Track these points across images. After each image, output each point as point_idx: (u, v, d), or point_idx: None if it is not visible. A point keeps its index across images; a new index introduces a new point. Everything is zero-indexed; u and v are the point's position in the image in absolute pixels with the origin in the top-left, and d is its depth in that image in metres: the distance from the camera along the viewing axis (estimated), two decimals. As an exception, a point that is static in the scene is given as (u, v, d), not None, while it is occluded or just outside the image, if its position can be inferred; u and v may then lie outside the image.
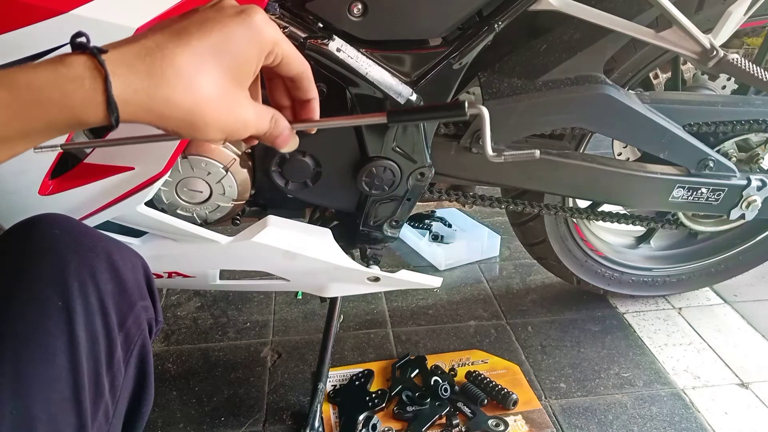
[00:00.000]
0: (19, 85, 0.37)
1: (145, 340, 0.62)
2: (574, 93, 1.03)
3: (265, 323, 1.42)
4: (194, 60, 0.41)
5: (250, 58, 0.43)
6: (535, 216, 1.28)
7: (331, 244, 1.02)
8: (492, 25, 0.92)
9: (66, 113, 0.38)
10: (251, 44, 0.43)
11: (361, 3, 0.87)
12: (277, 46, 0.45)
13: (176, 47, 0.40)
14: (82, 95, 0.37)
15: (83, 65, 0.38)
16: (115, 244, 0.60)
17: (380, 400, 1.14)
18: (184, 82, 0.40)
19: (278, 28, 0.46)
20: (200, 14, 0.43)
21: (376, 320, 1.43)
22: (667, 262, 1.47)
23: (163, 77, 0.39)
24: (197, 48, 0.41)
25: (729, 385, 1.24)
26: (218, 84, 0.42)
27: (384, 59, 0.92)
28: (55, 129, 0.39)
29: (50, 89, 0.37)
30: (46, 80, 0.37)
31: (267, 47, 0.44)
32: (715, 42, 0.96)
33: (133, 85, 0.39)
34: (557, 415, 1.16)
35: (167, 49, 0.40)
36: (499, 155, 0.52)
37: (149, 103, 0.39)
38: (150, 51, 0.40)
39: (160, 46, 0.40)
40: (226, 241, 0.96)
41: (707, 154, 1.14)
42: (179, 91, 0.40)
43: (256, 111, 0.46)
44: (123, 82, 0.38)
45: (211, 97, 0.41)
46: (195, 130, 0.42)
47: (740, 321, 1.44)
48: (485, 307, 1.48)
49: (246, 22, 0.43)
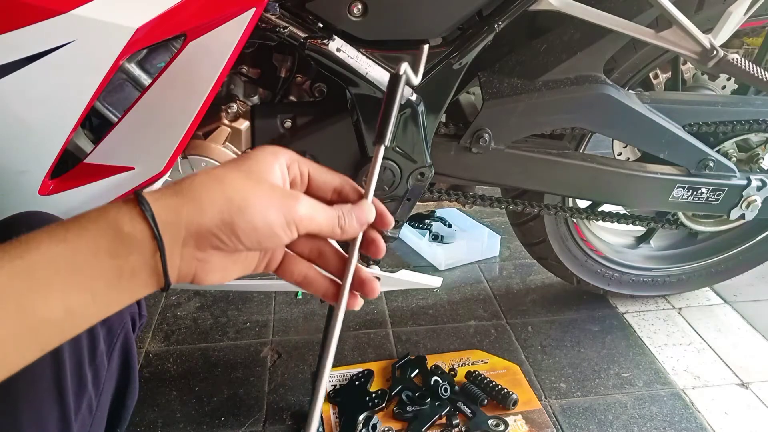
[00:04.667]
0: (68, 219, 0.39)
1: (128, 333, 0.63)
2: (574, 93, 1.03)
3: (265, 323, 1.42)
4: (216, 169, 0.42)
5: (269, 161, 0.44)
6: (535, 216, 1.28)
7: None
8: (492, 25, 0.92)
9: (107, 229, 0.38)
10: (265, 153, 0.44)
11: (361, 3, 0.87)
12: (297, 160, 0.46)
13: (199, 173, 0.42)
14: (117, 208, 0.39)
15: (122, 200, 0.40)
16: None
17: (380, 400, 1.14)
18: (211, 179, 0.41)
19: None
20: None
21: (376, 320, 1.43)
22: (667, 262, 1.47)
23: (187, 185, 0.41)
24: (215, 166, 0.43)
25: (729, 385, 1.24)
26: (247, 175, 0.42)
27: (384, 59, 0.92)
28: (97, 249, 0.38)
29: (92, 214, 0.39)
30: (91, 211, 0.39)
31: (282, 157, 0.45)
32: (715, 42, 0.96)
33: (163, 201, 0.40)
34: (557, 415, 1.16)
35: (191, 176, 0.42)
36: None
37: (183, 209, 0.40)
38: (178, 182, 0.42)
39: (187, 178, 0.42)
40: (226, 241, 0.96)
41: (707, 154, 1.14)
42: (209, 185, 0.41)
43: (309, 199, 0.44)
44: (155, 200, 0.39)
45: (243, 179, 0.42)
46: (242, 212, 0.40)
47: (740, 321, 1.44)
48: (485, 307, 1.48)
49: (258, 147, 0.46)
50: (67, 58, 0.66)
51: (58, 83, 0.69)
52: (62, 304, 0.36)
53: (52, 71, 0.67)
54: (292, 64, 0.96)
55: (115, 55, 0.70)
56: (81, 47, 0.66)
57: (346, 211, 0.46)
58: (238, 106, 0.95)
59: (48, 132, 0.74)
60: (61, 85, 0.70)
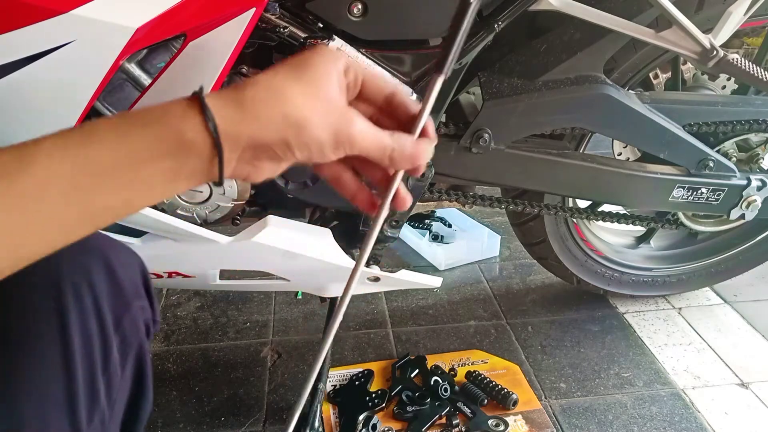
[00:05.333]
0: (130, 113, 0.41)
1: (142, 341, 0.61)
2: (574, 93, 1.03)
3: (265, 323, 1.42)
4: (276, 77, 0.42)
5: (329, 70, 0.44)
6: (535, 216, 1.28)
7: (331, 244, 1.02)
8: (492, 25, 0.92)
9: (169, 133, 0.40)
10: (323, 55, 0.44)
11: (361, 3, 0.87)
12: (352, 65, 0.46)
13: (258, 77, 0.42)
14: (181, 112, 0.40)
15: (185, 102, 0.40)
16: (111, 242, 0.59)
17: (380, 400, 1.14)
18: (271, 93, 0.41)
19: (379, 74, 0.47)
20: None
21: (376, 320, 1.43)
22: (667, 262, 1.47)
23: (249, 99, 0.41)
24: (276, 72, 0.43)
25: (729, 385, 1.24)
26: (306, 88, 0.42)
27: (384, 59, 0.92)
28: (159, 151, 0.40)
29: (155, 113, 0.40)
30: (154, 109, 0.40)
31: (340, 63, 0.45)
32: (715, 42, 0.96)
33: (225, 112, 0.40)
34: (557, 415, 1.16)
35: (251, 79, 0.42)
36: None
37: (243, 124, 0.41)
38: (237, 85, 0.42)
39: (247, 80, 0.42)
40: (226, 241, 0.96)
41: (707, 154, 1.14)
42: (269, 101, 0.41)
43: (365, 121, 0.44)
44: (218, 110, 0.40)
45: (302, 95, 0.42)
46: (299, 131, 0.41)
47: (740, 321, 1.44)
48: (485, 307, 1.48)
49: (316, 48, 0.45)
50: (67, 58, 0.66)
51: (58, 83, 0.69)
52: (121, 195, 0.39)
53: (52, 71, 0.67)
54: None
55: (115, 55, 0.70)
56: (81, 47, 0.66)
57: (399, 145, 0.46)
58: (238, 106, 0.95)
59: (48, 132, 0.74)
60: (61, 85, 0.70)
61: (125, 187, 0.39)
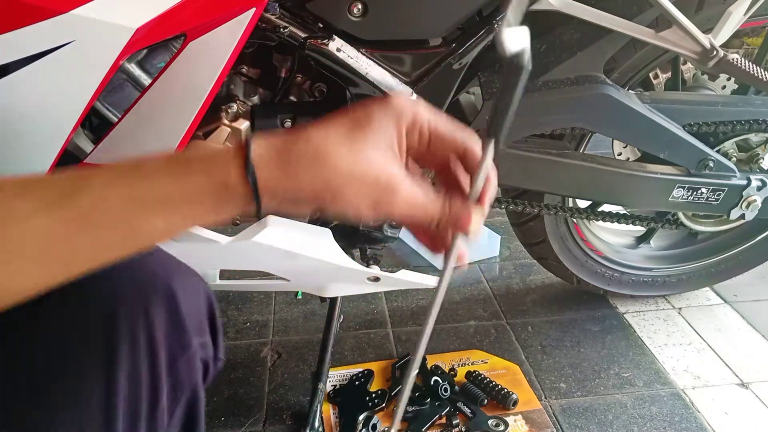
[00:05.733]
0: (180, 157, 0.43)
1: (197, 385, 0.56)
2: (574, 93, 1.03)
3: (265, 323, 1.42)
4: (328, 139, 0.42)
5: (388, 127, 0.43)
6: (535, 216, 1.28)
7: (331, 244, 1.02)
8: (492, 25, 0.92)
9: (214, 179, 0.42)
10: (387, 114, 0.43)
11: (361, 3, 0.87)
12: (421, 120, 0.44)
13: (310, 133, 0.42)
14: (227, 161, 0.42)
15: (233, 152, 0.42)
16: (175, 267, 0.55)
17: (380, 400, 1.14)
18: (317, 157, 0.42)
19: (427, 106, 0.45)
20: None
21: (376, 320, 1.43)
22: (667, 262, 1.47)
23: (294, 158, 0.42)
24: (329, 131, 0.42)
25: (729, 385, 1.24)
26: (354, 153, 0.42)
27: (384, 59, 0.92)
28: (204, 193, 0.42)
29: (205, 160, 0.43)
30: (203, 155, 0.43)
31: (406, 117, 0.44)
32: (715, 42, 0.96)
33: (267, 168, 0.42)
34: (557, 415, 1.16)
35: (303, 134, 0.42)
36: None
37: (282, 181, 0.42)
38: (289, 136, 0.43)
39: (299, 135, 0.43)
40: (226, 241, 0.96)
41: (707, 154, 1.14)
42: (313, 166, 0.42)
43: (413, 184, 0.44)
44: (261, 164, 0.42)
45: (348, 162, 0.41)
46: (336, 197, 0.42)
47: (740, 321, 1.44)
48: (485, 307, 1.48)
49: (384, 100, 0.44)
50: (67, 58, 0.66)
51: (58, 83, 0.69)
52: (165, 224, 0.42)
53: (52, 71, 0.67)
54: (292, 64, 0.96)
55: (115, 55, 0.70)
56: (81, 47, 0.66)
57: (451, 211, 0.45)
58: (238, 106, 0.95)
59: (48, 132, 0.74)
60: (61, 85, 0.70)
61: (169, 218, 0.42)
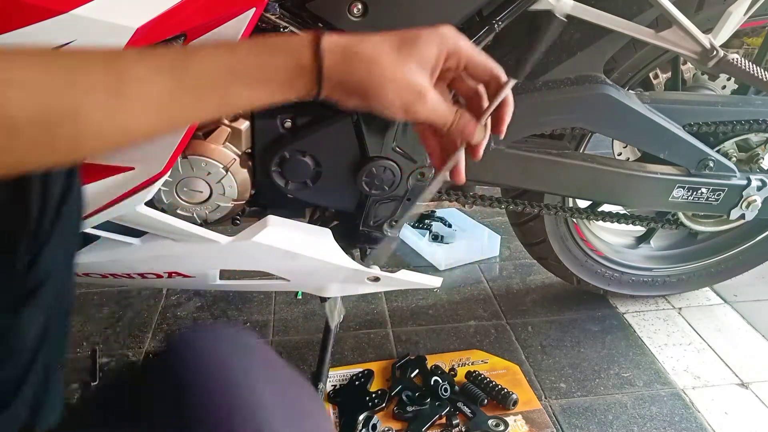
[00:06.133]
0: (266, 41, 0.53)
1: None
2: (574, 93, 1.03)
3: (265, 323, 1.42)
4: (383, 44, 0.53)
5: (431, 49, 0.54)
6: (535, 216, 1.28)
7: (331, 244, 1.02)
8: (492, 25, 0.92)
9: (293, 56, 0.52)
10: (433, 39, 0.54)
11: (361, 3, 0.87)
12: (460, 50, 0.55)
13: (372, 37, 0.54)
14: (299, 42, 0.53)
15: (310, 38, 0.53)
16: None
17: (380, 400, 1.14)
18: (371, 56, 0.53)
19: (468, 40, 0.56)
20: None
21: (376, 320, 1.43)
22: (667, 262, 1.47)
23: (354, 54, 0.53)
24: (386, 38, 0.54)
25: (729, 385, 1.24)
26: (398, 62, 0.53)
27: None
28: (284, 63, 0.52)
29: (283, 41, 0.53)
30: (282, 37, 0.55)
31: (447, 44, 0.55)
32: (715, 42, 0.96)
33: (331, 56, 0.52)
34: (557, 415, 1.16)
35: (367, 38, 0.54)
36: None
37: (339, 71, 0.52)
38: (356, 35, 0.54)
39: (364, 37, 0.54)
40: (226, 241, 0.96)
41: (707, 154, 1.14)
42: (365, 62, 0.53)
43: (437, 96, 0.55)
44: (327, 52, 0.52)
45: (392, 67, 0.53)
46: (376, 92, 0.53)
47: (740, 321, 1.44)
48: (485, 307, 1.48)
49: (434, 28, 0.55)
50: (67, 58, 0.66)
51: (58, 83, 0.69)
52: (248, 95, 0.51)
53: (52, 71, 0.67)
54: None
55: (115, 55, 0.70)
56: (81, 47, 0.66)
57: (459, 121, 0.57)
58: (238, 106, 0.95)
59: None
60: (61, 85, 0.70)
61: (253, 90, 0.51)
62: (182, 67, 0.48)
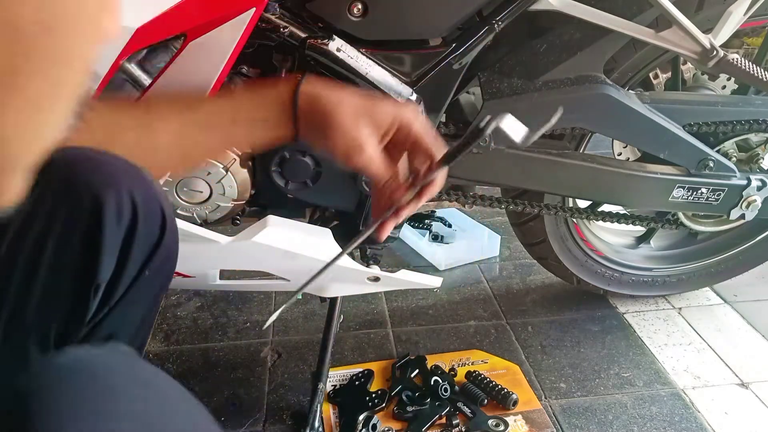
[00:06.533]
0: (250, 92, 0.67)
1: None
2: (574, 93, 1.03)
3: (265, 323, 1.42)
4: (351, 98, 0.63)
5: (385, 117, 0.63)
6: (535, 216, 1.28)
7: (331, 244, 1.02)
8: (492, 25, 0.92)
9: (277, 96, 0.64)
10: (390, 111, 0.63)
11: (361, 3, 0.87)
12: (411, 128, 0.63)
13: (343, 93, 0.63)
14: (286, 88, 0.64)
15: (290, 84, 0.64)
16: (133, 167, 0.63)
17: (380, 400, 1.14)
18: (334, 103, 0.62)
19: (424, 122, 0.64)
20: None
21: (376, 320, 1.43)
22: (667, 262, 1.47)
23: (323, 98, 0.63)
24: (354, 94, 0.63)
25: (729, 385, 1.24)
26: (352, 117, 0.62)
27: (384, 59, 0.92)
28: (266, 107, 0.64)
29: (273, 86, 0.65)
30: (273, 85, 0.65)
31: (401, 120, 0.63)
32: (715, 42, 0.96)
33: (309, 88, 0.63)
34: (557, 415, 1.16)
35: (337, 91, 0.63)
36: (528, 140, 0.64)
37: (311, 110, 0.62)
38: (325, 87, 0.64)
39: (335, 90, 0.64)
40: (226, 241, 0.96)
41: (707, 154, 1.14)
42: (327, 108, 0.62)
43: (376, 153, 0.63)
44: (305, 86, 0.64)
45: (346, 122, 0.62)
46: (327, 136, 0.62)
47: (740, 321, 1.44)
48: (485, 307, 1.48)
49: (398, 103, 0.69)
50: (67, 58, 0.66)
51: (58, 83, 0.69)
52: (247, 135, 0.64)
53: (52, 71, 0.67)
54: (292, 64, 0.96)
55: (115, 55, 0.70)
56: (81, 47, 0.66)
57: (392, 182, 0.64)
58: (238, 106, 0.95)
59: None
60: (61, 85, 0.70)
61: (249, 130, 0.63)
62: (194, 109, 0.61)
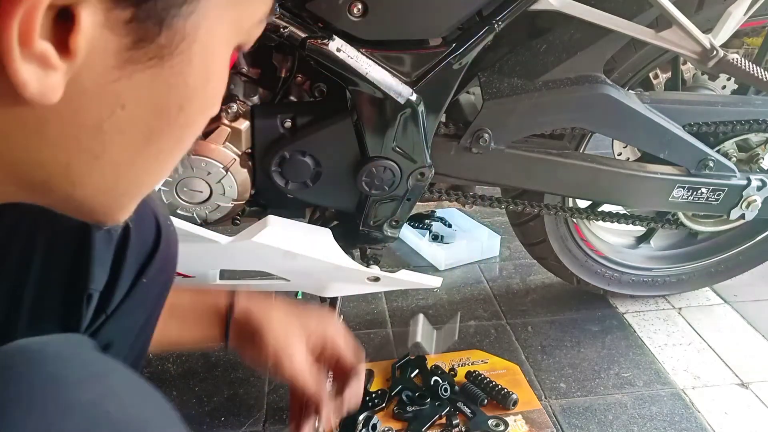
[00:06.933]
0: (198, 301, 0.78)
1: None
2: (574, 93, 1.03)
3: (265, 323, 1.42)
4: (279, 314, 0.74)
5: (313, 327, 0.73)
6: (535, 216, 1.28)
7: (331, 244, 1.02)
8: (492, 25, 0.92)
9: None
10: (315, 322, 0.75)
11: (361, 3, 0.87)
12: (335, 340, 0.77)
13: (274, 310, 0.78)
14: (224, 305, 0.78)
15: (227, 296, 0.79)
16: None
17: (380, 400, 1.14)
18: (264, 318, 0.74)
19: (346, 337, 0.78)
20: None
21: (376, 320, 1.43)
22: (667, 262, 1.47)
23: (254, 314, 0.76)
24: (282, 307, 0.76)
25: (729, 385, 1.24)
26: (280, 330, 0.73)
27: (384, 59, 0.92)
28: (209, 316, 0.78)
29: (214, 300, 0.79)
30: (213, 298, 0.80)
31: (323, 329, 0.76)
32: (715, 42, 0.96)
33: (245, 301, 0.78)
34: (557, 415, 1.16)
35: (268, 308, 0.77)
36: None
37: (244, 324, 0.76)
38: (255, 305, 0.78)
39: (268, 306, 0.78)
40: (226, 241, 0.96)
41: (707, 154, 1.14)
42: (256, 322, 0.75)
43: (305, 363, 0.75)
44: (241, 299, 0.79)
45: (276, 336, 0.72)
46: (259, 345, 0.74)
47: (740, 321, 1.44)
48: (485, 307, 1.48)
49: (324, 316, 0.82)
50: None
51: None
52: (179, 331, 0.73)
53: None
54: (292, 64, 0.96)
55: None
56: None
57: (317, 393, 0.76)
58: (238, 106, 0.95)
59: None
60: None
61: (192, 332, 0.74)
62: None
